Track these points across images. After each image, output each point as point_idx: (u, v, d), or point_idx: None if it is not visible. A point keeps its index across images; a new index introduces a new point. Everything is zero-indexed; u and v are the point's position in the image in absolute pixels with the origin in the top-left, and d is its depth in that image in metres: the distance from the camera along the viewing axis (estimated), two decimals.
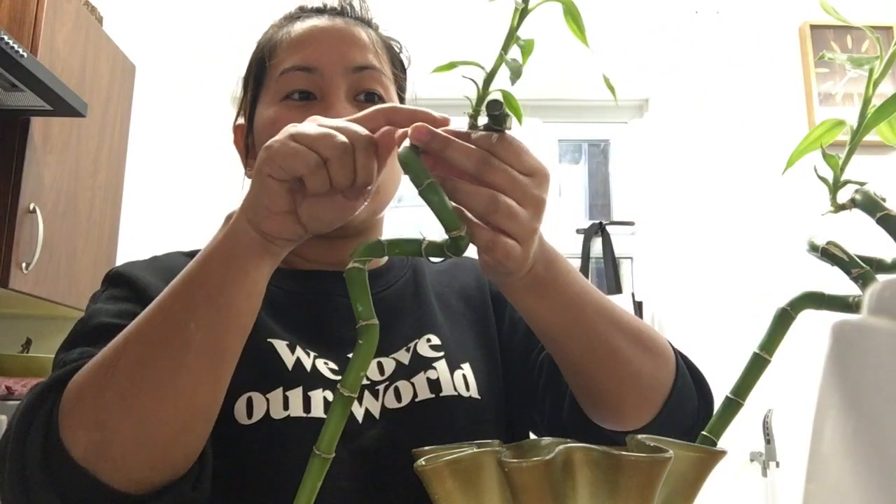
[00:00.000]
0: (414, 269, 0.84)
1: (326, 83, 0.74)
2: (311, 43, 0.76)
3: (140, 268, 0.73)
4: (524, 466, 0.41)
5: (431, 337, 0.75)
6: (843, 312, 0.47)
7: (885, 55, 0.45)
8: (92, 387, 0.53)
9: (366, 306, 0.51)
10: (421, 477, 0.46)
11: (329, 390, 0.68)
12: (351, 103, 0.74)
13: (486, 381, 0.75)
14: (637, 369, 0.63)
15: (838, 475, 0.25)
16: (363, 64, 0.75)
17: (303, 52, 0.75)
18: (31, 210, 1.77)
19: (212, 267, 0.55)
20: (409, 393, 0.71)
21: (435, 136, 0.52)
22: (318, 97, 0.74)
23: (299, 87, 0.74)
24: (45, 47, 1.80)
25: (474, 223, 0.52)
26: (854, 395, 0.26)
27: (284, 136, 0.52)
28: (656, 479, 0.41)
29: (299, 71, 0.74)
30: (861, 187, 0.47)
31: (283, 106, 0.75)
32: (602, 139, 2.80)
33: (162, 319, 0.54)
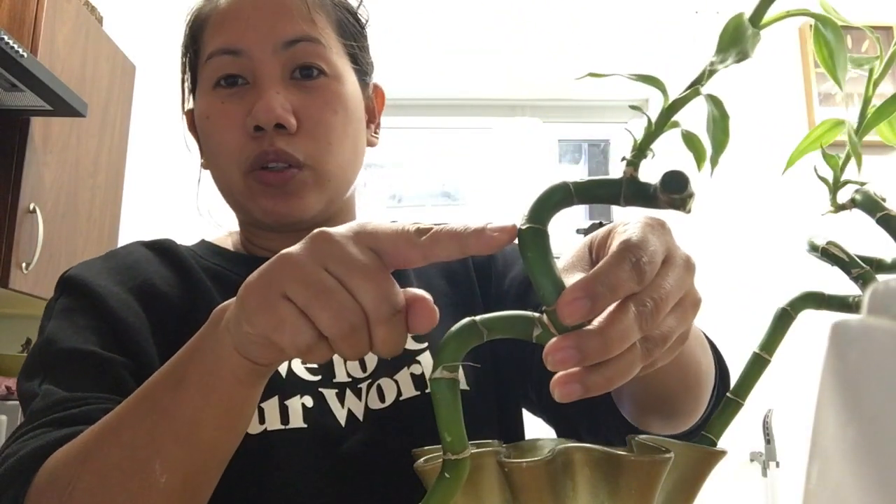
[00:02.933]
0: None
1: (255, 65, 0.67)
2: (235, 20, 0.68)
3: (95, 271, 0.67)
4: (524, 466, 0.41)
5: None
6: (844, 312, 0.47)
7: (885, 55, 0.45)
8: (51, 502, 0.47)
9: (457, 435, 0.38)
10: (420, 477, 0.46)
11: (308, 395, 0.63)
12: (286, 85, 0.67)
13: (475, 369, 0.69)
14: (707, 381, 0.59)
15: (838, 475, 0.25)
16: (294, 36, 0.67)
17: (227, 33, 0.68)
18: (31, 210, 1.77)
19: (185, 394, 0.44)
20: (392, 391, 0.65)
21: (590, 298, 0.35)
22: (248, 81, 0.67)
23: (226, 73, 0.68)
24: (45, 47, 1.80)
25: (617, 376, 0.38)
26: (854, 395, 0.26)
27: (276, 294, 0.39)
28: (656, 479, 0.41)
29: (225, 55, 0.68)
30: (861, 187, 0.47)
31: (214, 95, 0.68)
32: (602, 139, 2.81)
33: (120, 450, 0.45)
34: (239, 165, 0.67)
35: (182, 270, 0.70)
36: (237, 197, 0.70)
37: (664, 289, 0.38)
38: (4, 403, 1.68)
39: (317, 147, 0.67)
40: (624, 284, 0.36)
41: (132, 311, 0.64)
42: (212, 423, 0.45)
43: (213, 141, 0.70)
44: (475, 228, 0.38)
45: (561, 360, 0.34)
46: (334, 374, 0.65)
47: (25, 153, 1.77)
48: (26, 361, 0.63)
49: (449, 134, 3.02)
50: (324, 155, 0.67)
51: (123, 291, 0.65)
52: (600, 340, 0.34)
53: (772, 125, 2.50)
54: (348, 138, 0.70)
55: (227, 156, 0.68)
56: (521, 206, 0.38)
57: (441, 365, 0.38)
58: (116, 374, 0.59)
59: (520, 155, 2.65)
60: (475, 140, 2.91)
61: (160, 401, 0.46)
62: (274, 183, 0.66)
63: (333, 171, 0.69)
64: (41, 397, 0.57)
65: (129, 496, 0.44)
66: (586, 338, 0.34)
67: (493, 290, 0.75)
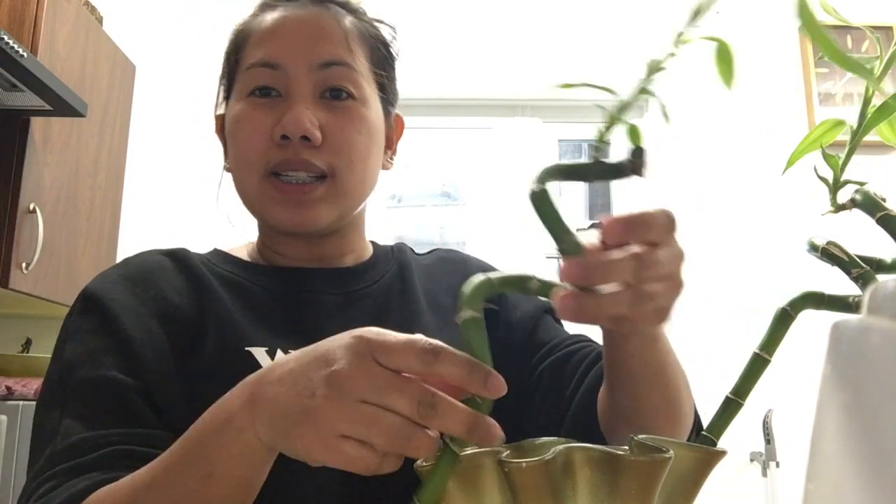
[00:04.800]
0: (399, 263, 0.82)
1: (290, 81, 0.71)
2: (277, 37, 0.73)
3: (111, 285, 0.70)
4: (524, 466, 0.41)
5: (420, 336, 0.73)
6: (844, 312, 0.47)
7: (885, 55, 0.45)
8: None
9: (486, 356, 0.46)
10: (421, 477, 0.46)
11: None
12: (316, 102, 0.72)
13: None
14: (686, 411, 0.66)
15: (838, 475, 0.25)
16: (330, 59, 0.72)
17: (268, 47, 0.73)
18: (31, 210, 1.77)
19: (217, 490, 0.50)
20: None
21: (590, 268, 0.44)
22: (282, 94, 0.72)
23: (262, 84, 0.72)
24: (45, 47, 1.80)
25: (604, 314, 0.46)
26: (854, 395, 0.26)
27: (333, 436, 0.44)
28: (656, 479, 0.41)
29: (263, 67, 0.72)
30: (861, 187, 0.47)
31: (247, 103, 0.73)
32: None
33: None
34: (258, 169, 0.71)
35: (194, 277, 0.73)
36: (253, 201, 0.74)
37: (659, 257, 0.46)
38: (4, 403, 1.68)
39: (339, 161, 0.71)
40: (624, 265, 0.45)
41: (145, 327, 0.67)
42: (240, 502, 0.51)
43: (238, 143, 0.73)
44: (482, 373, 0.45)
45: (567, 271, 0.44)
46: None
47: (25, 153, 1.77)
48: (45, 388, 0.66)
49: (449, 134, 3.02)
50: (344, 170, 0.71)
51: (139, 304, 0.68)
52: (601, 266, 0.44)
53: (772, 125, 2.50)
54: (369, 159, 0.74)
55: (250, 159, 0.72)
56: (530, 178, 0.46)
57: (465, 307, 0.46)
58: (131, 402, 0.62)
59: (520, 155, 2.65)
60: (475, 140, 2.91)
61: (194, 489, 0.50)
62: (290, 192, 0.70)
63: (350, 187, 0.73)
64: (61, 436, 0.60)
65: None
66: (591, 262, 0.44)
67: (500, 332, 0.78)
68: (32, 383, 1.74)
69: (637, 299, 0.45)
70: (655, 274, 0.46)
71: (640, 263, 0.45)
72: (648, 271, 0.45)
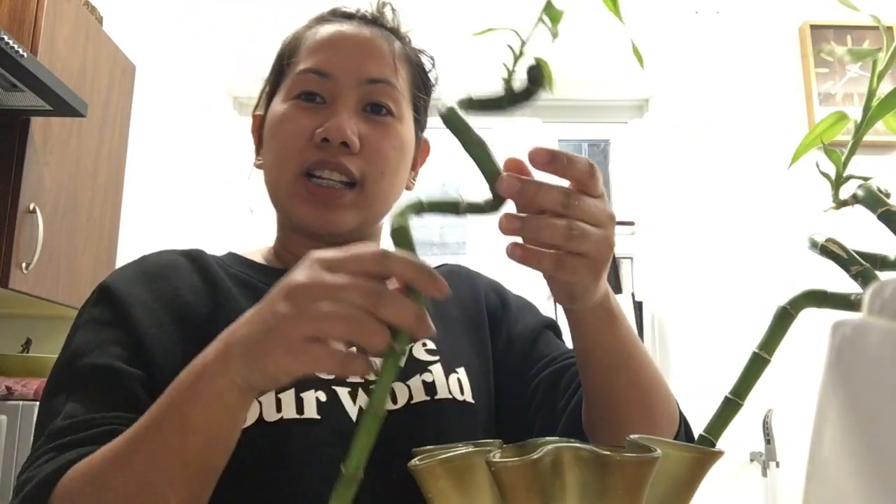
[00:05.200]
0: None
1: (337, 90, 0.75)
2: (331, 48, 0.77)
3: (127, 280, 0.73)
4: (510, 466, 0.40)
5: (427, 341, 0.76)
6: (845, 311, 0.47)
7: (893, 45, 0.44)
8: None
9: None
10: (415, 476, 0.46)
11: (322, 390, 0.68)
12: (357, 114, 0.76)
13: (479, 387, 0.77)
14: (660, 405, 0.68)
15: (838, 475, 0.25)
16: (377, 77, 0.77)
17: (321, 56, 0.77)
18: (31, 210, 1.77)
19: (193, 439, 0.52)
20: (404, 395, 0.71)
21: (526, 183, 0.53)
22: (326, 101, 0.76)
23: (311, 89, 0.76)
24: (45, 47, 1.80)
25: (541, 252, 0.53)
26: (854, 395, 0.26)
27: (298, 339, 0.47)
28: (645, 478, 0.41)
29: (314, 74, 0.76)
30: (864, 183, 0.46)
31: (293, 105, 0.76)
32: (602, 139, 2.80)
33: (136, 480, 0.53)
34: (294, 167, 0.74)
35: (209, 278, 0.75)
36: (282, 197, 0.77)
37: (587, 201, 0.53)
38: (4, 403, 1.68)
39: (371, 170, 0.75)
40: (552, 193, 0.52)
41: (157, 322, 0.70)
42: (216, 459, 0.53)
43: (278, 141, 0.76)
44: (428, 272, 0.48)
45: (505, 184, 0.53)
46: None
47: (25, 153, 1.77)
48: (52, 375, 0.68)
49: (448, 134, 3.01)
50: (375, 179, 0.75)
51: (152, 300, 0.71)
52: (534, 184, 0.52)
53: (772, 125, 2.50)
54: (397, 173, 0.79)
55: (288, 156, 0.75)
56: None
57: (395, 220, 0.50)
58: (134, 391, 0.65)
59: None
60: None
61: (170, 442, 0.52)
62: (320, 195, 0.74)
63: (377, 196, 0.76)
64: (62, 416, 0.62)
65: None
66: (526, 180, 0.53)
67: (502, 336, 0.82)
68: (32, 383, 1.74)
69: (569, 232, 0.51)
70: (584, 213, 0.52)
71: (569, 196, 0.52)
72: (577, 208, 0.52)
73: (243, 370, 0.49)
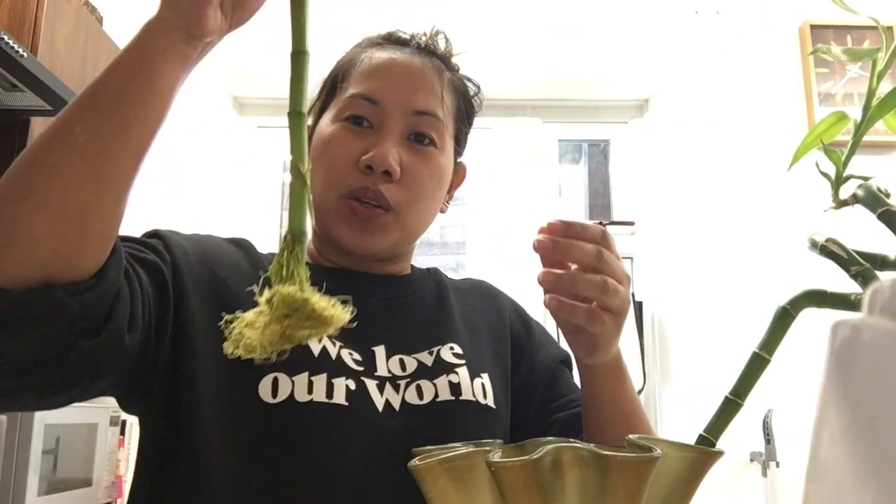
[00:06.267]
0: (437, 282, 0.89)
1: (385, 117, 0.79)
2: (383, 77, 0.80)
3: (175, 232, 0.78)
4: (509, 466, 0.40)
5: (454, 345, 0.80)
6: (846, 311, 0.47)
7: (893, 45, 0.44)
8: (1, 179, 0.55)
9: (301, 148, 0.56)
10: (414, 475, 0.46)
11: (352, 379, 0.72)
12: (402, 142, 0.79)
13: (500, 396, 0.80)
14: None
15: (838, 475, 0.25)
16: (423, 109, 0.80)
17: (372, 83, 0.80)
18: None
19: (118, 70, 0.56)
20: (430, 392, 0.75)
21: (558, 241, 0.61)
22: (374, 127, 0.79)
23: (359, 114, 0.79)
24: (45, 47, 1.80)
25: (576, 305, 0.61)
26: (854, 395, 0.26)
27: None
28: (644, 478, 0.41)
29: (364, 100, 0.79)
30: (864, 182, 0.46)
31: (341, 127, 0.80)
32: (602, 139, 2.80)
33: (57, 120, 0.55)
34: (339, 189, 0.78)
35: (253, 262, 0.80)
36: (324, 214, 0.81)
37: (610, 256, 0.62)
38: None
39: (407, 199, 0.79)
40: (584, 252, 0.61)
41: (193, 275, 0.73)
42: (133, 97, 0.55)
43: (325, 160, 0.80)
44: None
45: (540, 243, 0.61)
46: (376, 368, 0.75)
47: None
48: None
49: None
50: (410, 207, 0.80)
51: (196, 258, 0.75)
52: (567, 243, 0.61)
53: (772, 125, 2.50)
54: (432, 201, 0.83)
55: (334, 179, 0.79)
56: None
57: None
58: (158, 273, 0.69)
59: (520, 155, 2.65)
60: (475, 140, 2.90)
61: (94, 84, 0.56)
62: (361, 215, 0.78)
63: (410, 222, 0.81)
64: None
65: (48, 155, 0.54)
66: (559, 240, 0.61)
67: (525, 360, 0.87)
68: None
69: (604, 286, 0.60)
70: (612, 270, 0.61)
71: (601, 253, 0.60)
72: (606, 263, 0.60)
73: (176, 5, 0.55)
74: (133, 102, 0.55)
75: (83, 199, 0.53)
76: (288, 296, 0.49)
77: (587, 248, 0.60)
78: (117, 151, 0.55)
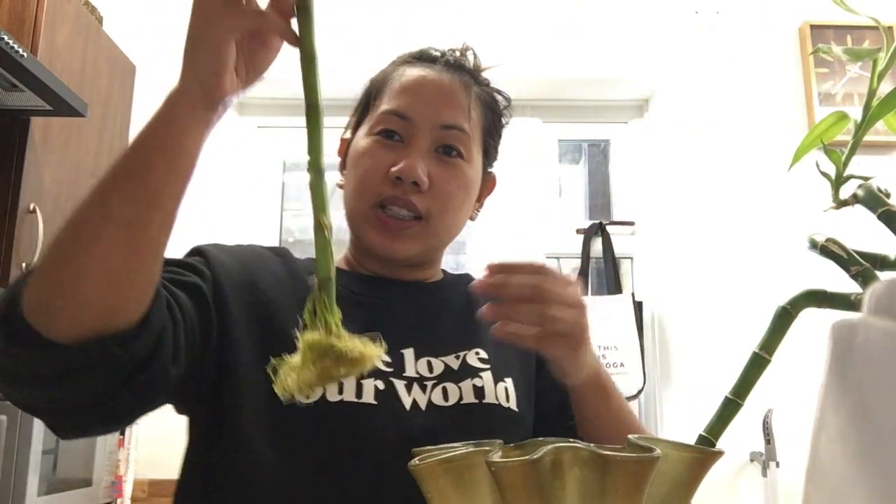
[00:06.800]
0: (468, 291, 0.93)
1: (414, 132, 0.85)
2: (413, 94, 0.86)
3: (217, 246, 0.85)
4: (510, 466, 0.40)
5: (480, 351, 0.85)
6: (846, 311, 0.47)
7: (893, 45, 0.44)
8: (45, 251, 0.61)
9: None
10: (414, 475, 0.46)
11: (380, 380, 0.78)
12: (430, 154, 0.85)
13: (523, 399, 0.85)
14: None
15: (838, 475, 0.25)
16: (450, 123, 0.85)
17: (403, 100, 0.86)
18: (31, 210, 1.77)
19: (147, 142, 0.61)
20: (455, 394, 0.80)
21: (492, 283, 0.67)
22: (404, 140, 0.85)
23: (391, 128, 0.85)
24: (45, 47, 1.80)
25: (522, 333, 0.67)
26: (854, 395, 0.26)
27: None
28: (644, 478, 0.41)
29: (395, 116, 0.85)
30: (864, 182, 0.46)
31: (374, 141, 0.86)
32: (602, 139, 2.80)
33: (94, 190, 0.60)
34: (370, 199, 0.84)
35: (291, 271, 0.86)
36: (357, 222, 0.87)
37: (553, 285, 0.66)
38: (4, 403, 1.68)
39: (436, 207, 0.84)
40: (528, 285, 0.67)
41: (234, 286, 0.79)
42: (164, 167, 0.60)
43: (358, 173, 0.86)
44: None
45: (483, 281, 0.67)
46: (405, 369, 0.81)
47: (25, 153, 1.77)
48: None
49: None
50: (439, 215, 0.85)
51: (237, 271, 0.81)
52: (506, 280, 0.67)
53: (772, 125, 2.49)
54: (461, 209, 0.88)
55: (365, 189, 0.85)
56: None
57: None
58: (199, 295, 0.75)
59: (520, 155, 2.65)
60: None
61: (126, 155, 0.60)
62: (390, 227, 0.83)
63: (439, 230, 0.86)
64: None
65: (90, 225, 0.59)
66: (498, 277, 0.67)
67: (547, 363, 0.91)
68: None
69: (541, 317, 0.65)
70: (554, 297, 0.65)
71: (533, 287, 0.65)
72: (543, 294, 0.65)
73: (186, 66, 0.60)
74: (164, 171, 0.60)
75: (124, 263, 0.59)
76: (315, 343, 0.55)
77: (521, 284, 0.65)
78: (152, 217, 0.60)
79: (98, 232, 0.58)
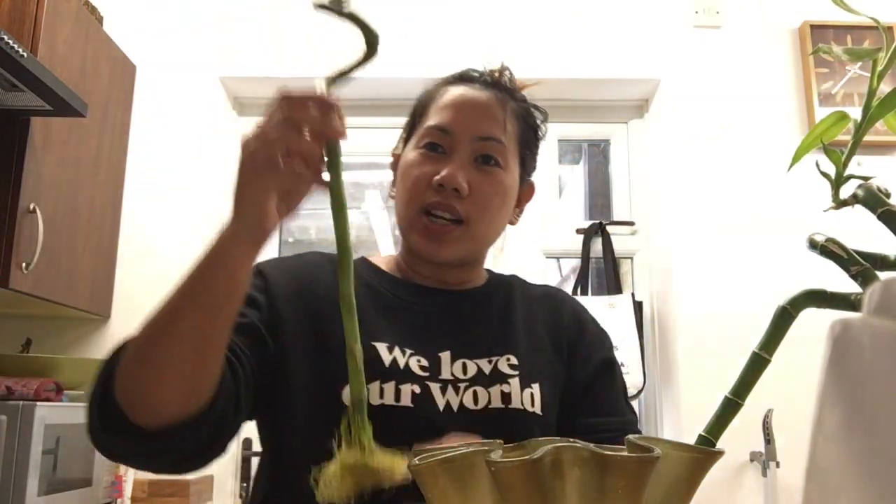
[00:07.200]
0: (507, 294, 1.03)
1: (455, 144, 0.94)
2: (454, 110, 0.96)
3: (275, 265, 0.96)
4: (510, 466, 0.40)
5: (511, 357, 0.93)
6: (846, 311, 0.47)
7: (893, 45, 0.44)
8: (130, 353, 0.71)
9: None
10: (415, 476, 0.46)
11: (417, 384, 0.86)
12: (470, 163, 0.94)
13: (550, 402, 0.92)
14: None
15: (837, 475, 0.25)
16: (487, 135, 0.95)
17: (445, 116, 0.96)
18: (31, 210, 1.77)
19: (207, 275, 0.69)
20: (484, 399, 0.88)
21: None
22: (447, 152, 0.94)
23: (434, 141, 0.95)
24: (45, 47, 1.80)
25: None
26: (854, 395, 0.26)
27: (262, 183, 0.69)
28: (644, 478, 0.41)
29: (438, 130, 0.95)
30: (865, 182, 0.46)
31: (420, 153, 0.96)
32: (602, 139, 2.80)
33: (161, 314, 0.70)
34: (417, 205, 0.94)
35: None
36: (405, 227, 0.97)
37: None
38: (4, 403, 1.68)
39: (475, 211, 0.93)
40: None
41: (291, 303, 0.90)
42: (222, 295, 0.69)
43: (406, 182, 0.96)
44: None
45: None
46: (440, 372, 0.89)
47: (25, 153, 1.77)
48: None
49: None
50: (478, 219, 0.94)
51: (293, 290, 0.92)
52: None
53: (772, 125, 2.49)
54: (498, 214, 0.97)
55: (413, 196, 0.95)
56: None
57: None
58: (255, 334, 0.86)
59: None
60: None
61: (188, 286, 0.69)
62: (433, 230, 0.93)
63: (480, 234, 0.96)
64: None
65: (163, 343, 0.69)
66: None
67: (578, 364, 0.99)
68: (32, 383, 1.74)
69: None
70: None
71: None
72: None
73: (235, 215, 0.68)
74: (223, 300, 0.69)
75: (194, 369, 0.70)
76: (349, 465, 0.63)
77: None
78: (215, 335, 0.71)
79: (170, 348, 0.69)
